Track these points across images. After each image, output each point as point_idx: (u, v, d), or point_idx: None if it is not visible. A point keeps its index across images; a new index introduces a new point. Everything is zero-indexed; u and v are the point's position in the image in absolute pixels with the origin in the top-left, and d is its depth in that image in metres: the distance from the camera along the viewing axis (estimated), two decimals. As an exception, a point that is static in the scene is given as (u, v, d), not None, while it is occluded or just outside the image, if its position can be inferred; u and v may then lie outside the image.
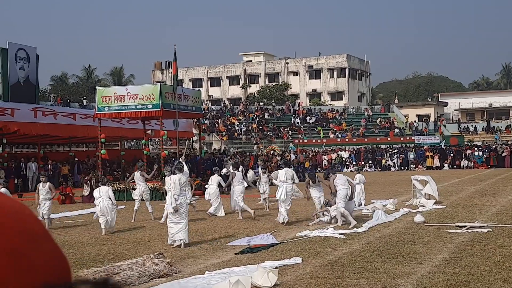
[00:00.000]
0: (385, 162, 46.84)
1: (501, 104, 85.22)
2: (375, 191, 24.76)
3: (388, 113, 67.80)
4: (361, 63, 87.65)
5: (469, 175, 34.51)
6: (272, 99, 75.66)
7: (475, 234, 12.07)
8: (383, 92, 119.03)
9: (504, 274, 8.52)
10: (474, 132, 64.61)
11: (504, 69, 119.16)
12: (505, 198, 19.58)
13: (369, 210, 16.61)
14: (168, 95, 23.99)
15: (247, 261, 10.07)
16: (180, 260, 10.33)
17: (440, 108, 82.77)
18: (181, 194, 12.12)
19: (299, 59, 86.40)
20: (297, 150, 48.80)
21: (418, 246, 11.02)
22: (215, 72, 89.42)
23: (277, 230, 13.65)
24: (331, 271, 9.06)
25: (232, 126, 59.28)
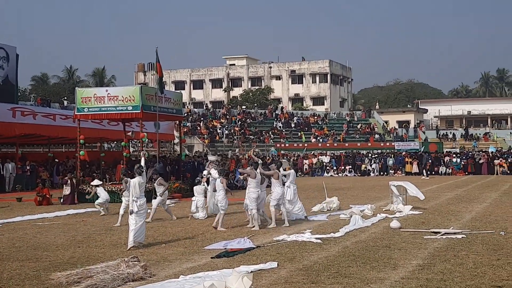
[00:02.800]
0: (364, 167, 47.10)
1: (479, 112, 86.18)
2: (353, 196, 24.87)
3: (369, 118, 68.24)
4: (343, 69, 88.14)
5: (446, 182, 34.82)
6: (255, 103, 75.76)
7: (450, 240, 12.19)
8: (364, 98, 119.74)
9: (476, 280, 8.62)
10: (452, 139, 65.22)
11: (483, 78, 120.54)
12: (481, 205, 19.80)
13: (346, 215, 16.68)
14: (149, 97, 23.90)
15: (222, 265, 10.07)
16: (155, 264, 10.30)
17: (420, 115, 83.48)
18: (140, 197, 12.46)
19: (282, 63, 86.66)
20: (278, 154, 48.87)
21: (393, 251, 11.10)
22: (198, 75, 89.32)
23: (254, 234, 13.67)
24: (306, 276, 9.10)
25: (214, 129, 59.21)
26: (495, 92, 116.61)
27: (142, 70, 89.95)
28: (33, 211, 20.37)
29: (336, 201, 19.55)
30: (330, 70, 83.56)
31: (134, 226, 12.16)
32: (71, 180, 23.37)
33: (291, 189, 16.40)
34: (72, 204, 22.69)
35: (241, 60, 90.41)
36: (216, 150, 49.06)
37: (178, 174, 28.25)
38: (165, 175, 27.87)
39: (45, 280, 9.19)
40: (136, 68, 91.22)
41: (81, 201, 23.37)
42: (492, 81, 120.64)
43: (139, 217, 12.33)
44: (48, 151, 37.47)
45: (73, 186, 23.39)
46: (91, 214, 19.26)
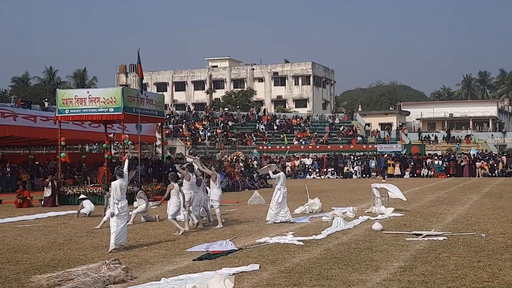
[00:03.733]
0: (347, 170, 47.26)
1: (461, 114, 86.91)
2: (336, 198, 24.92)
3: (352, 121, 68.50)
4: (325, 71, 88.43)
5: (428, 184, 35.04)
6: (237, 105, 75.72)
7: (431, 242, 12.24)
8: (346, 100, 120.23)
9: (457, 282, 8.65)
10: (434, 141, 65.69)
11: (465, 80, 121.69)
12: (462, 207, 19.93)
13: (328, 217, 16.71)
14: (131, 98, 23.78)
15: (204, 267, 10.03)
16: (136, 266, 10.22)
17: (402, 117, 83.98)
18: (122, 199, 12.42)
19: (264, 65, 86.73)
20: (261, 156, 48.89)
21: (375, 253, 11.12)
22: (180, 77, 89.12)
23: (236, 236, 13.63)
24: (288, 278, 9.08)
25: (197, 131, 59.07)
26: (476, 95, 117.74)
27: (124, 72, 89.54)
28: (13, 213, 20.17)
29: (318, 203, 19.57)
30: (313, 72, 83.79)
31: (115, 228, 12.08)
32: (52, 182, 23.16)
33: (281, 192, 16.40)
34: (53, 206, 22.49)
35: (223, 62, 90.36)
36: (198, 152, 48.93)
37: (160, 176, 28.12)
38: (147, 177, 27.79)
39: (25, 283, 9.08)
40: (118, 69, 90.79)
41: (62, 203, 23.18)
42: (474, 83, 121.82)
43: (121, 220, 12.25)
44: (29, 153, 37.13)
45: (54, 188, 23.18)
46: (72, 216, 19.10)
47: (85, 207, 18.97)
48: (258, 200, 22.72)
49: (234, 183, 32.75)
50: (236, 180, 33.24)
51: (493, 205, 20.62)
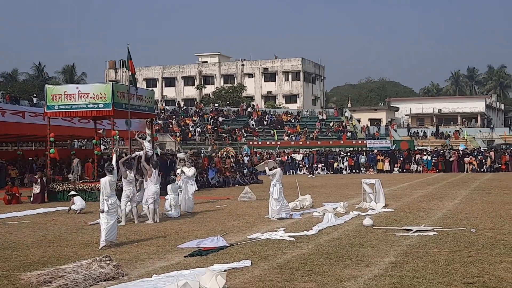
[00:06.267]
0: (337, 165, 47.35)
1: (449, 110, 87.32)
2: (326, 193, 24.95)
3: (341, 116, 68.64)
4: (315, 67, 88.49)
5: (418, 179, 35.17)
6: (227, 100, 75.64)
7: (422, 238, 12.28)
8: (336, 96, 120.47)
9: (448, 277, 8.69)
10: (423, 137, 65.96)
11: (453, 76, 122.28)
12: (451, 202, 20.02)
13: (319, 212, 16.72)
14: (121, 94, 23.65)
15: (196, 264, 10.00)
16: (127, 263, 10.18)
17: (392, 113, 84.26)
18: (111, 195, 12.39)
19: (254, 61, 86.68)
20: (251, 152, 48.87)
21: (366, 249, 11.14)
22: (170, 72, 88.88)
23: (227, 232, 13.60)
24: (279, 274, 9.08)
25: (186, 127, 58.97)
26: (465, 91, 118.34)
27: (113, 67, 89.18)
28: (2, 210, 20.03)
29: (309, 199, 19.59)
30: (303, 68, 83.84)
31: (105, 225, 12.03)
32: (41, 179, 23.03)
33: (277, 188, 16.51)
34: (42, 203, 22.37)
35: (213, 57, 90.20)
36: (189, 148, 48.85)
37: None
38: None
39: (15, 280, 9.01)
40: (107, 65, 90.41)
41: (51, 199, 23.05)
42: (462, 79, 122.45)
43: (111, 216, 12.20)
44: (18, 149, 36.89)
45: (43, 184, 23.06)
46: (61, 213, 19.00)
47: (76, 203, 18.87)
48: (249, 196, 22.71)
49: (225, 179, 32.72)
50: (226, 176, 33.21)
51: (482, 200, 20.72)
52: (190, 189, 18.77)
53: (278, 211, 16.28)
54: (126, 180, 15.66)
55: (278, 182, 16.63)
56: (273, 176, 16.76)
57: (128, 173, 15.66)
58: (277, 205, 16.30)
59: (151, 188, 16.26)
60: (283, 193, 16.81)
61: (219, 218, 16.62)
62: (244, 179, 33.91)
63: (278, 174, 16.81)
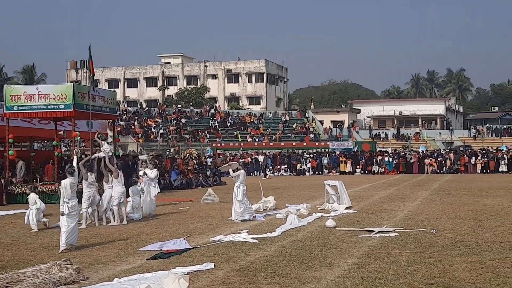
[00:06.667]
0: (300, 167, 47.56)
1: (410, 112, 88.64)
2: (289, 195, 25.04)
3: (304, 118, 69.01)
4: (278, 68, 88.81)
5: (379, 181, 35.58)
6: (190, 102, 75.32)
7: (383, 239, 12.41)
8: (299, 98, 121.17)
9: (409, 278, 8.79)
10: (385, 139, 66.80)
11: (413, 79, 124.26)
12: (412, 204, 20.29)
13: (283, 214, 16.76)
14: (82, 95, 23.33)
15: (158, 267, 9.91)
16: (88, 267, 10.03)
17: (354, 115, 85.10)
18: (72, 198, 12.22)
19: (218, 62, 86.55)
20: (214, 154, 48.71)
21: (328, 250, 11.21)
22: (132, 73, 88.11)
23: (190, 235, 13.53)
24: (243, 277, 9.06)
25: (149, 128, 58.49)
26: (425, 93, 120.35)
27: (74, 68, 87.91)
28: (-42, 213, 19.53)
29: (272, 201, 19.62)
30: (266, 69, 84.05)
31: (66, 228, 11.84)
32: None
33: (241, 189, 16.49)
34: (0, 205, 21.87)
35: (176, 58, 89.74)
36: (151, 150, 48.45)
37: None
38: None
39: (-29, 285, 8.79)
40: (68, 65, 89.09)
41: (10, 202, 22.59)
42: (422, 82, 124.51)
43: (71, 219, 12.02)
44: (-25, 150, 35.98)
45: (1, 186, 22.57)
46: (20, 215, 18.61)
47: None
48: (212, 198, 22.63)
49: (188, 181, 32.56)
50: (189, 178, 33.05)
51: (442, 201, 21.06)
52: (152, 191, 18.63)
53: (241, 213, 16.26)
54: (86, 182, 15.46)
55: (241, 184, 16.62)
56: (237, 178, 16.74)
57: (88, 175, 15.46)
58: (241, 207, 16.28)
59: (117, 189, 16.02)
60: (247, 195, 16.81)
61: (181, 220, 16.52)
62: (207, 181, 33.80)
63: (242, 176, 16.81)
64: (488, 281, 8.50)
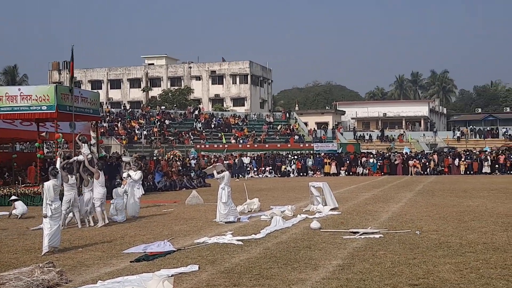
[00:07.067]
0: (284, 168, 47.60)
1: (394, 114, 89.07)
2: (274, 197, 25.03)
3: (289, 120, 69.09)
4: (263, 70, 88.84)
5: (364, 182, 35.70)
6: (174, 103, 75.09)
7: (368, 240, 12.42)
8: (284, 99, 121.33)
9: (394, 279, 8.80)
10: (369, 140, 67.04)
11: (397, 81, 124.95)
12: (397, 205, 20.37)
13: (267, 216, 16.73)
14: (64, 96, 23.14)
15: (142, 269, 9.84)
16: (71, 269, 9.93)
17: (338, 117, 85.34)
18: (55, 200, 12.13)
19: (202, 64, 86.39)
20: (198, 155, 48.62)
21: (313, 252, 11.20)
22: (116, 74, 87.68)
23: (174, 237, 13.46)
24: (227, 279, 9.02)
25: (132, 129, 58.21)
26: (409, 95, 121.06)
27: (57, 69, 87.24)
28: None
29: (257, 202, 19.60)
30: (251, 71, 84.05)
31: (48, 230, 11.73)
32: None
33: (226, 191, 16.44)
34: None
35: (160, 59, 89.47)
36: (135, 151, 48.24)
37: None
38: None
39: (-49, 289, 8.66)
40: (51, 66, 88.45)
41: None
42: (406, 84, 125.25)
43: (54, 221, 11.91)
44: (-44, 152, 35.58)
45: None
46: (2, 218, 18.43)
47: (18, 208, 18.35)
48: (196, 200, 22.56)
49: (172, 183, 32.43)
50: (173, 180, 32.93)
51: (426, 202, 21.16)
52: (136, 193, 18.52)
53: (226, 214, 16.21)
54: (67, 184, 15.33)
55: (226, 185, 16.58)
56: (221, 179, 16.70)
57: (69, 177, 15.33)
58: (225, 209, 16.23)
59: (98, 190, 15.98)
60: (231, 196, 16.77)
61: (166, 222, 16.44)
62: (191, 183, 33.69)
63: (226, 177, 16.76)
64: (472, 282, 8.53)
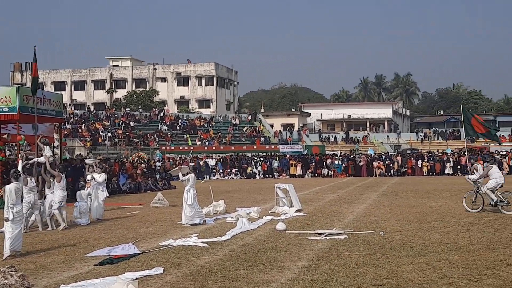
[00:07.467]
0: (250, 170, 47.64)
1: (359, 115, 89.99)
2: (240, 198, 25.01)
3: (255, 122, 69.19)
4: (228, 72, 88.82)
5: (329, 183, 35.94)
6: (139, 105, 74.53)
7: (333, 241, 12.50)
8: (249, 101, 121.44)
9: (358, 280, 8.86)
10: (334, 142, 67.56)
11: (362, 83, 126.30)
12: (361, 206, 20.55)
13: (233, 218, 16.72)
14: (27, 98, 22.81)
15: (106, 272, 9.73)
16: (33, 273, 9.76)
17: (304, 118, 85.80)
18: (17, 203, 11.96)
19: (167, 65, 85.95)
20: (163, 157, 48.34)
21: (279, 253, 11.22)
22: (80, 76, 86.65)
23: (139, 239, 13.34)
24: (193, 281, 8.97)
25: (97, 131, 57.56)
26: (373, 97, 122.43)
27: (19, 70, 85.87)
28: None
29: (222, 204, 19.56)
30: (216, 73, 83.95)
31: (10, 234, 11.52)
32: None
33: (191, 193, 16.39)
34: None
35: (125, 61, 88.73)
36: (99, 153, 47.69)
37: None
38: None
39: None
40: (13, 67, 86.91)
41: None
42: (370, 86, 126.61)
43: (16, 225, 11.71)
44: None
45: None
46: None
47: None
48: (161, 202, 22.42)
49: (137, 185, 32.17)
50: (138, 182, 32.66)
51: (389, 203, 21.40)
52: (100, 195, 18.34)
53: (191, 217, 16.15)
54: (26, 187, 15.05)
55: (192, 187, 16.52)
56: (187, 181, 16.64)
57: (28, 180, 15.07)
58: (191, 211, 16.17)
59: (58, 193, 15.78)
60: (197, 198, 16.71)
61: (130, 225, 16.29)
62: (156, 185, 33.47)
63: (192, 179, 16.70)
64: (434, 282, 8.65)
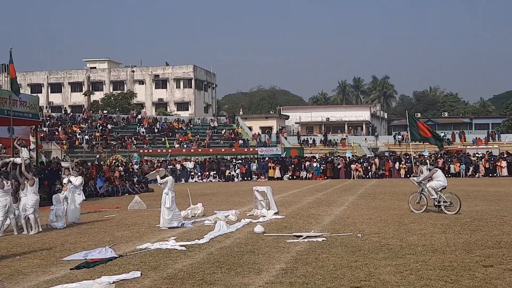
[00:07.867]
0: (229, 173, 47.58)
1: (337, 118, 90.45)
2: (218, 201, 24.96)
3: (233, 124, 69.15)
4: (207, 74, 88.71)
5: (307, 186, 36.02)
6: (117, 107, 74.07)
7: (311, 244, 12.51)
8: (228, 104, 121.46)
9: (336, 282, 8.88)
10: (312, 145, 67.78)
11: (340, 86, 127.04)
12: (339, 208, 20.62)
13: (211, 221, 16.66)
14: (2, 100, 22.53)
15: (83, 276, 9.62)
16: (8, 278, 9.62)
17: (282, 121, 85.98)
18: None
19: (145, 68, 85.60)
20: (141, 160, 48.06)
21: (257, 256, 11.20)
22: (56, 78, 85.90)
23: (116, 243, 13.23)
24: (170, 285, 8.91)
25: (74, 134, 57.06)
26: (351, 100, 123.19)
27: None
28: None
29: (200, 207, 19.49)
30: (195, 75, 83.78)
31: None
32: None
33: (169, 196, 16.24)
34: None
35: (102, 63, 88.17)
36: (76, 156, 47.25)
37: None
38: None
39: None
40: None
41: None
42: (348, 89, 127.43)
43: None
44: None
45: None
46: None
47: None
48: (139, 205, 22.27)
49: (114, 188, 31.93)
50: (115, 185, 32.43)
51: (367, 205, 21.51)
52: (77, 198, 18.15)
53: (170, 220, 16.05)
54: (2, 190, 14.88)
55: (170, 190, 16.42)
56: (165, 184, 16.53)
57: (4, 183, 14.89)
58: (169, 214, 16.07)
59: (31, 197, 15.58)
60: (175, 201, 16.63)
61: (107, 228, 16.15)
62: (134, 188, 33.27)
63: (170, 182, 16.61)
64: (412, 283, 8.70)
